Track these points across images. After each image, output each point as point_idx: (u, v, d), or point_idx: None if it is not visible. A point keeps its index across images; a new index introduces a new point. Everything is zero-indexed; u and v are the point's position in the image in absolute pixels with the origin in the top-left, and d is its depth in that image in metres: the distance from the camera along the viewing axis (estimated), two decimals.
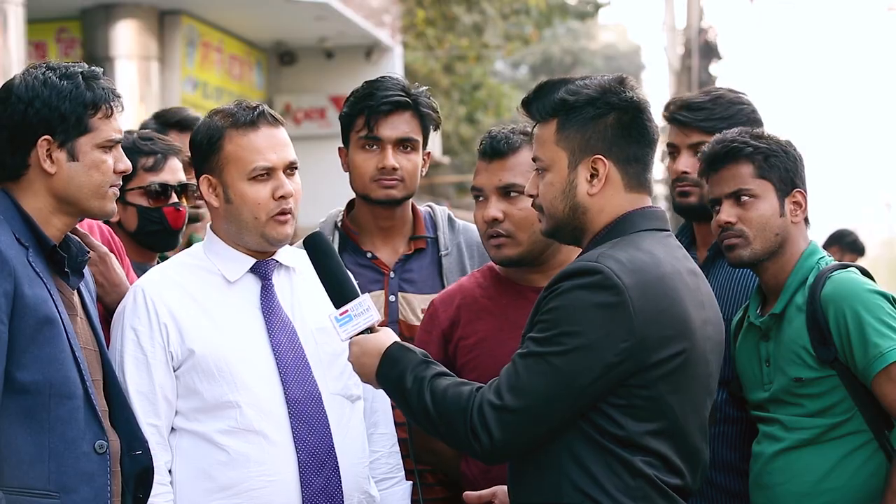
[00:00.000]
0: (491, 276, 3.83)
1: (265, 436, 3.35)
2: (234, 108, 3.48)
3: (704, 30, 25.71)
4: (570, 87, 3.08)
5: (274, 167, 3.43)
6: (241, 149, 3.43)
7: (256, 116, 3.45)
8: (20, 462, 3.03)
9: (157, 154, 4.15)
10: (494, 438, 2.92)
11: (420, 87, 4.10)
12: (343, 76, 15.23)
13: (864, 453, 3.52)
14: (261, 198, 3.42)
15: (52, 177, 3.16)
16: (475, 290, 3.81)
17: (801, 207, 3.68)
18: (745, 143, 3.65)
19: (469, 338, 3.73)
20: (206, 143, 3.47)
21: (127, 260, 3.86)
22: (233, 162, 3.43)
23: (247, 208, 3.43)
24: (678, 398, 2.99)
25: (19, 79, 3.19)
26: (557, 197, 3.09)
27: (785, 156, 3.66)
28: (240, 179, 3.43)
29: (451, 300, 3.82)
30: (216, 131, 3.46)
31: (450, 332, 3.78)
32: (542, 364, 2.91)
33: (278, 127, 3.49)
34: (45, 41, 13.11)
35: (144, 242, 4.17)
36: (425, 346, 3.75)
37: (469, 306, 3.78)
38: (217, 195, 3.47)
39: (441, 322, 3.79)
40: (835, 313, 3.50)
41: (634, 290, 2.92)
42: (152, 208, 4.13)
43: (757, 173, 3.64)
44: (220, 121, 3.47)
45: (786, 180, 3.65)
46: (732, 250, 3.67)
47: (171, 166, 4.17)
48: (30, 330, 3.04)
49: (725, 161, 3.67)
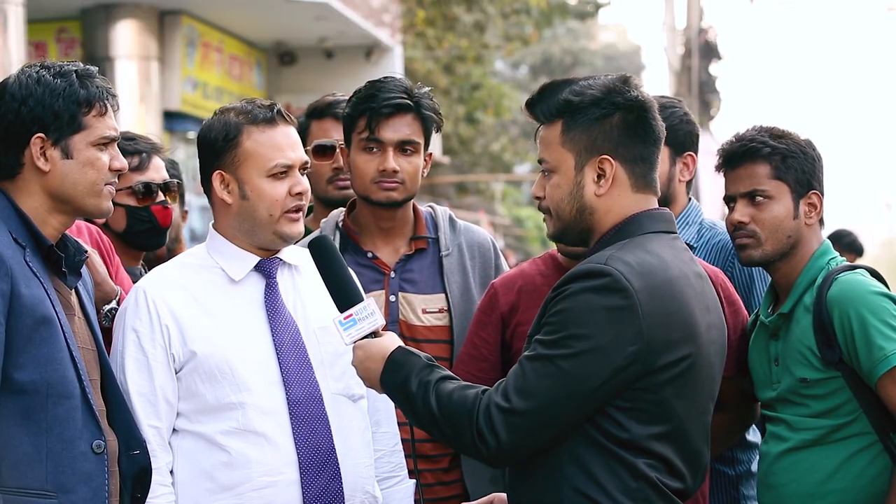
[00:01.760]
0: (553, 264, 3.88)
1: (266, 437, 3.34)
2: (250, 106, 3.47)
3: (704, 30, 25.74)
4: (575, 87, 3.06)
5: (292, 165, 3.44)
6: (261, 146, 3.42)
7: (276, 114, 3.45)
8: (18, 462, 3.02)
9: (142, 153, 4.18)
10: (501, 441, 2.91)
11: (423, 87, 4.08)
12: (343, 76, 15.23)
13: (868, 455, 3.52)
14: (278, 195, 3.42)
15: (47, 175, 3.16)
16: (536, 278, 3.86)
17: (815, 209, 3.67)
18: (763, 143, 3.65)
19: (526, 324, 3.73)
20: (221, 140, 3.44)
21: (117, 258, 3.87)
22: (251, 158, 3.42)
23: (263, 205, 3.42)
24: (683, 402, 2.98)
25: (14, 78, 3.20)
26: (564, 199, 3.08)
27: (803, 157, 3.66)
28: (258, 176, 3.42)
29: (512, 284, 3.87)
30: (233, 127, 3.44)
31: (509, 317, 3.84)
32: (550, 367, 2.90)
33: (291, 126, 3.50)
34: (45, 41, 13.10)
35: (133, 242, 4.18)
36: (483, 327, 3.86)
37: (530, 293, 3.82)
38: (230, 191, 3.46)
39: (501, 306, 3.85)
40: (839, 315, 3.49)
41: (643, 294, 2.91)
42: (140, 207, 4.15)
43: (773, 174, 3.64)
44: (235, 117, 3.45)
45: (802, 182, 3.65)
46: (744, 250, 3.69)
47: (155, 165, 4.20)
48: (27, 330, 3.04)
49: (743, 160, 3.66)
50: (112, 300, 3.57)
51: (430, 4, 20.03)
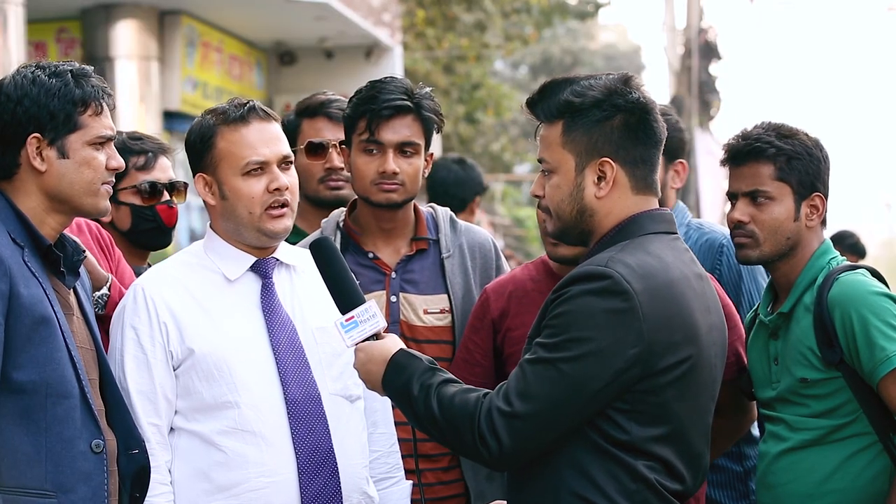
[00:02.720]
0: (544, 269, 3.89)
1: (264, 436, 3.35)
2: (226, 106, 3.50)
3: (704, 30, 25.72)
4: (576, 88, 3.05)
5: (267, 161, 3.44)
6: (233, 144, 3.44)
7: (247, 112, 3.45)
8: (17, 462, 3.03)
9: (148, 153, 4.20)
10: (503, 444, 2.90)
11: (423, 88, 4.08)
12: (343, 76, 15.21)
13: (868, 455, 3.51)
14: (255, 192, 3.42)
15: (43, 175, 3.16)
16: (527, 283, 3.88)
17: (817, 211, 3.66)
18: (769, 144, 3.63)
19: (517, 329, 3.77)
20: (199, 142, 3.48)
21: (118, 251, 3.92)
22: (225, 158, 3.44)
23: (241, 203, 3.43)
24: (684, 404, 2.98)
25: (9, 78, 3.20)
26: (565, 199, 3.07)
27: (808, 158, 3.64)
28: (233, 175, 3.43)
29: (503, 290, 3.90)
30: (208, 129, 3.47)
31: (499, 322, 3.87)
32: (552, 370, 2.89)
33: (270, 122, 3.49)
34: (45, 41, 13.08)
35: (138, 241, 4.21)
36: (476, 332, 3.88)
37: (520, 298, 3.84)
38: (213, 193, 3.48)
39: (492, 311, 3.88)
40: (841, 316, 3.49)
41: (644, 296, 2.90)
42: (145, 206, 4.18)
43: (777, 175, 3.62)
44: (211, 119, 3.48)
45: (805, 184, 3.63)
46: (741, 249, 3.69)
47: (161, 164, 4.22)
48: (26, 330, 3.04)
49: (747, 159, 3.65)
50: (103, 286, 3.59)
51: (430, 4, 20.02)
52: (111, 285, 3.61)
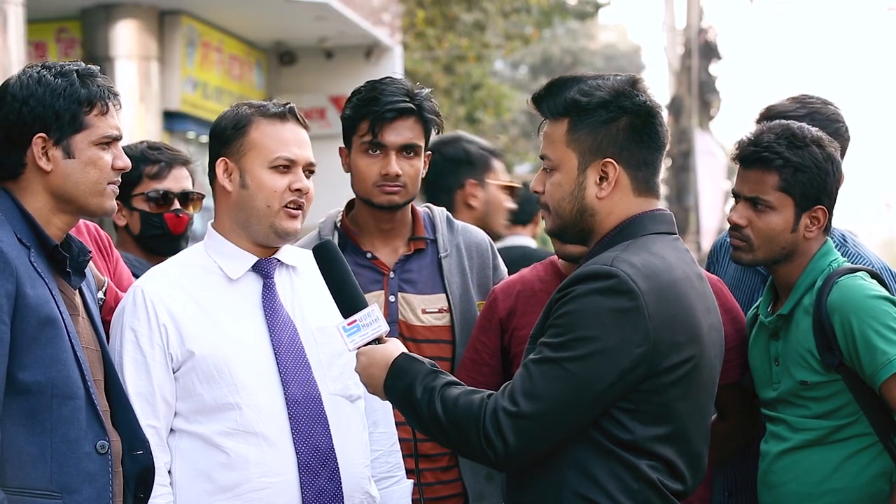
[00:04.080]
0: (553, 270, 3.89)
1: (265, 437, 3.34)
2: (265, 103, 3.53)
3: (704, 30, 25.76)
4: (583, 87, 3.04)
5: (296, 161, 3.46)
6: (267, 137, 3.45)
7: (287, 111, 3.49)
8: (22, 462, 3.02)
9: (161, 163, 4.37)
10: (509, 445, 2.89)
11: (422, 87, 4.08)
12: (343, 76, 15.20)
13: (868, 455, 3.52)
14: (278, 187, 3.43)
15: (49, 175, 3.16)
16: (535, 283, 3.88)
17: (818, 223, 3.63)
18: (777, 155, 3.58)
19: (523, 329, 3.76)
20: (231, 128, 3.48)
21: (116, 252, 3.98)
22: (256, 148, 3.45)
23: (262, 195, 3.43)
24: (686, 403, 2.98)
25: (15, 78, 3.20)
26: (565, 198, 3.07)
27: (816, 171, 3.59)
28: (260, 166, 3.44)
29: (511, 290, 3.90)
30: (244, 118, 3.48)
31: (507, 322, 3.86)
32: (557, 370, 2.89)
33: (303, 128, 3.53)
34: (45, 41, 13.08)
35: (148, 246, 4.39)
36: (484, 332, 3.88)
37: (527, 298, 3.84)
38: (232, 179, 3.48)
39: (499, 311, 3.88)
40: (840, 320, 3.49)
41: (649, 295, 2.90)
42: (153, 213, 4.35)
43: (780, 185, 3.59)
44: (248, 109, 3.50)
45: (809, 196, 3.60)
46: (735, 251, 3.70)
47: (175, 175, 4.38)
48: (31, 330, 3.04)
49: (754, 164, 3.63)
50: (100, 289, 3.58)
51: (430, 4, 20.01)
52: (107, 289, 3.61)
